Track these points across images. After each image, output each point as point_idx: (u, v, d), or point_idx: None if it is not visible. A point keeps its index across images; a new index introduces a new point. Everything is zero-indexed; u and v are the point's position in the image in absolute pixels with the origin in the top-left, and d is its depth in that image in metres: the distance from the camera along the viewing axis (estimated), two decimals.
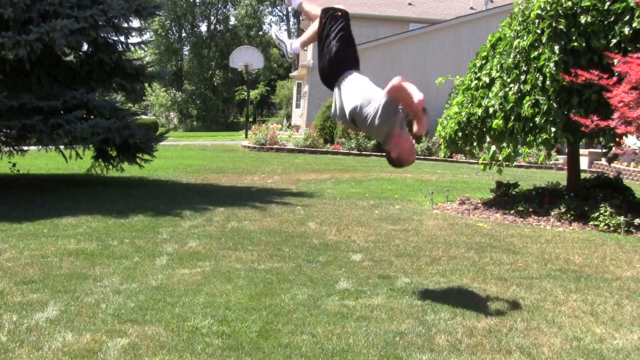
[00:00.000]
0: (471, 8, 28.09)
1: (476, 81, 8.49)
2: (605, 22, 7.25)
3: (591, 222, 7.38)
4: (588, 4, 7.30)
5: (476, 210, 8.40)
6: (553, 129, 7.35)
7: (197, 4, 52.10)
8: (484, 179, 12.78)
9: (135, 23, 11.16)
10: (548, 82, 7.35)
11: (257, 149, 20.68)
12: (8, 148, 9.90)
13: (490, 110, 8.02)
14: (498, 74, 8.10)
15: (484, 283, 4.65)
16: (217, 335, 3.37)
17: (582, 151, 10.60)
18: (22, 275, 4.48)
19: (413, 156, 3.96)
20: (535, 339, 3.47)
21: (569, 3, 7.41)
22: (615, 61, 6.77)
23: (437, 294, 4.32)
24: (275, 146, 20.76)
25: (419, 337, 3.41)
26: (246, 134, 27.55)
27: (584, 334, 3.59)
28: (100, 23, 9.17)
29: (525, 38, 7.75)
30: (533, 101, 7.49)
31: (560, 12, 7.42)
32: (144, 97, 44.44)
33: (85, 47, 10.13)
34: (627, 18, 7.11)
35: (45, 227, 6.32)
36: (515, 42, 7.87)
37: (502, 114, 7.83)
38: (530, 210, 7.93)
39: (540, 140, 7.55)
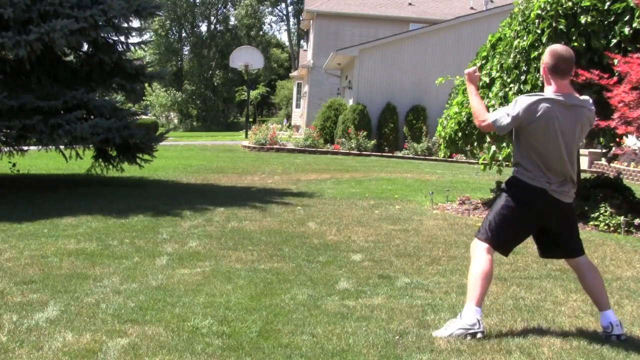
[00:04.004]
0: (471, 8, 28.08)
1: None
2: (605, 22, 7.24)
3: (591, 222, 7.38)
4: (588, 4, 7.30)
5: (476, 210, 8.39)
6: None
7: (197, 4, 52.05)
8: (484, 179, 12.78)
9: (135, 23, 11.13)
10: None
11: (257, 149, 20.67)
12: (8, 148, 9.90)
13: (491, 110, 8.01)
14: (498, 74, 8.10)
15: None
16: (217, 335, 3.36)
17: (582, 151, 10.61)
18: (22, 275, 4.48)
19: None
20: (535, 339, 3.46)
21: (569, 3, 7.40)
22: (616, 61, 6.76)
23: (437, 294, 4.31)
24: (275, 146, 20.76)
25: (419, 337, 3.41)
26: (246, 134, 27.54)
27: (584, 334, 3.58)
28: (100, 23, 9.18)
29: (525, 38, 7.74)
30: None
31: (560, 12, 7.41)
32: (144, 97, 44.41)
33: (85, 47, 10.14)
34: (627, 18, 7.10)
35: (45, 227, 6.32)
36: (515, 42, 7.87)
37: None
38: None
39: None
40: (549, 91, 3.46)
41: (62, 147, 9.72)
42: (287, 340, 3.32)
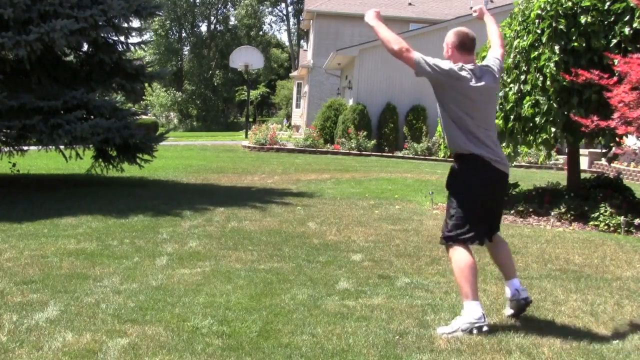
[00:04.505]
0: (471, 8, 28.08)
1: None
2: (606, 22, 7.24)
3: (591, 222, 7.37)
4: (588, 4, 7.30)
5: None
6: (553, 129, 7.35)
7: (197, 4, 52.05)
8: None
9: (135, 23, 11.15)
10: (548, 82, 7.34)
11: (257, 149, 20.67)
12: (8, 148, 9.90)
13: None
14: None
15: (484, 283, 4.64)
16: (217, 335, 3.36)
17: (582, 151, 10.60)
18: (22, 275, 4.48)
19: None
20: (535, 339, 3.46)
21: (569, 3, 7.40)
22: (616, 61, 6.76)
23: (437, 294, 4.31)
24: (275, 146, 20.76)
25: (419, 337, 3.41)
26: (246, 134, 27.55)
27: (584, 334, 3.58)
28: (100, 23, 9.17)
29: (525, 38, 7.74)
30: (533, 101, 7.49)
31: (560, 12, 7.41)
32: (144, 97, 44.41)
33: (85, 47, 10.14)
34: (627, 18, 7.10)
35: (45, 227, 6.32)
36: (515, 42, 7.87)
37: (502, 114, 7.82)
38: (530, 210, 7.93)
39: (540, 140, 7.55)
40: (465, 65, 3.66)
41: (62, 147, 9.72)
42: (287, 340, 3.32)
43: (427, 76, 3.67)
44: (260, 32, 54.56)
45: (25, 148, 10.28)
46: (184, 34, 53.20)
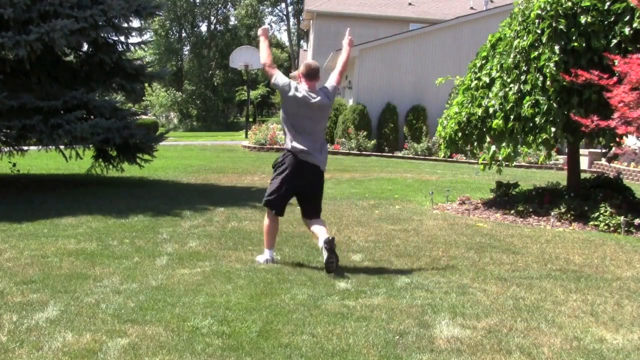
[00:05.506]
0: (471, 8, 28.08)
1: (476, 81, 8.49)
2: (606, 22, 7.24)
3: (591, 222, 7.37)
4: (588, 4, 7.30)
5: (476, 210, 8.40)
6: (553, 129, 7.35)
7: (197, 4, 52.06)
8: (484, 179, 12.79)
9: (135, 23, 11.15)
10: (548, 82, 7.34)
11: (257, 149, 20.67)
12: (8, 148, 9.90)
13: (490, 110, 8.02)
14: (498, 74, 8.10)
15: (484, 283, 4.65)
16: (217, 335, 3.37)
17: (582, 151, 10.61)
18: (22, 275, 4.48)
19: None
20: (535, 339, 3.46)
21: (569, 3, 7.41)
22: (616, 61, 6.76)
23: (437, 294, 4.31)
24: (275, 146, 20.74)
25: (419, 337, 3.41)
26: (246, 134, 27.55)
27: (584, 334, 3.59)
28: (100, 23, 9.18)
29: (525, 38, 7.74)
30: (533, 101, 7.49)
31: (560, 12, 7.41)
32: (144, 97, 44.35)
33: (85, 47, 10.13)
34: (627, 18, 7.10)
35: (45, 227, 6.32)
36: (515, 42, 7.87)
37: (502, 114, 7.83)
38: (530, 210, 7.93)
39: (540, 140, 7.55)
40: (304, 86, 5.05)
41: (62, 147, 9.72)
42: (287, 340, 3.32)
43: (277, 89, 5.12)
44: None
45: (25, 148, 10.28)
46: (184, 34, 53.20)
